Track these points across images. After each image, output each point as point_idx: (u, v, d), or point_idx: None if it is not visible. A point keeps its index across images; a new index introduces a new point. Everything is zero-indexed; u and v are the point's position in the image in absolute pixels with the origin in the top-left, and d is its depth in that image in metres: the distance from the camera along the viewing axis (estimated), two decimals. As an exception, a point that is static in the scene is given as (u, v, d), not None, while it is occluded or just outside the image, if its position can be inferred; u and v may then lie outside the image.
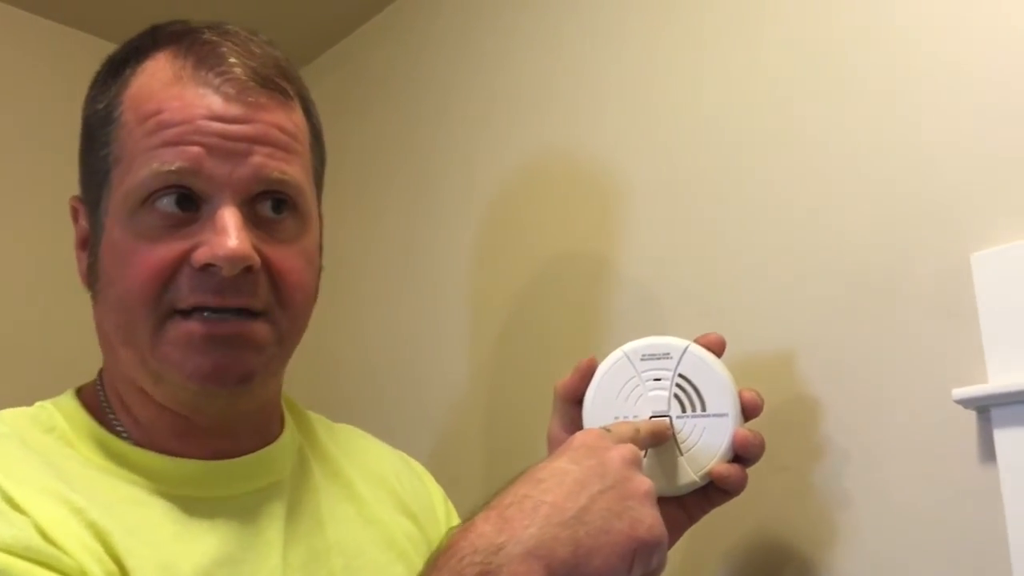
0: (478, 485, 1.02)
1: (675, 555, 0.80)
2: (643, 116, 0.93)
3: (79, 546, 0.52)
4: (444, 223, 1.15)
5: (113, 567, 0.53)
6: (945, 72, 0.71)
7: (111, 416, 0.63)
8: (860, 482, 0.71)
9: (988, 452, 0.65)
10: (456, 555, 0.49)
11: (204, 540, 0.59)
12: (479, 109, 1.13)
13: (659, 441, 0.64)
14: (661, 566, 0.54)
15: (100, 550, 0.53)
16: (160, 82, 0.61)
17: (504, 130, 1.09)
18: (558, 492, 0.52)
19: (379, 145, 1.28)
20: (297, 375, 1.31)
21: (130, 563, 0.54)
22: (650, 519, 0.53)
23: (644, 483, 0.54)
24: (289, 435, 0.70)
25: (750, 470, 0.67)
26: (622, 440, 0.58)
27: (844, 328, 0.74)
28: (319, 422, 0.76)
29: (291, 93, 0.64)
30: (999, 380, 0.64)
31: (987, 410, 0.65)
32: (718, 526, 0.78)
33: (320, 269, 0.69)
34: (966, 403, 0.66)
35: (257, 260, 0.60)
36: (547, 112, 1.04)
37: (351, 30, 1.38)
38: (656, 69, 0.93)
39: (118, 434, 0.62)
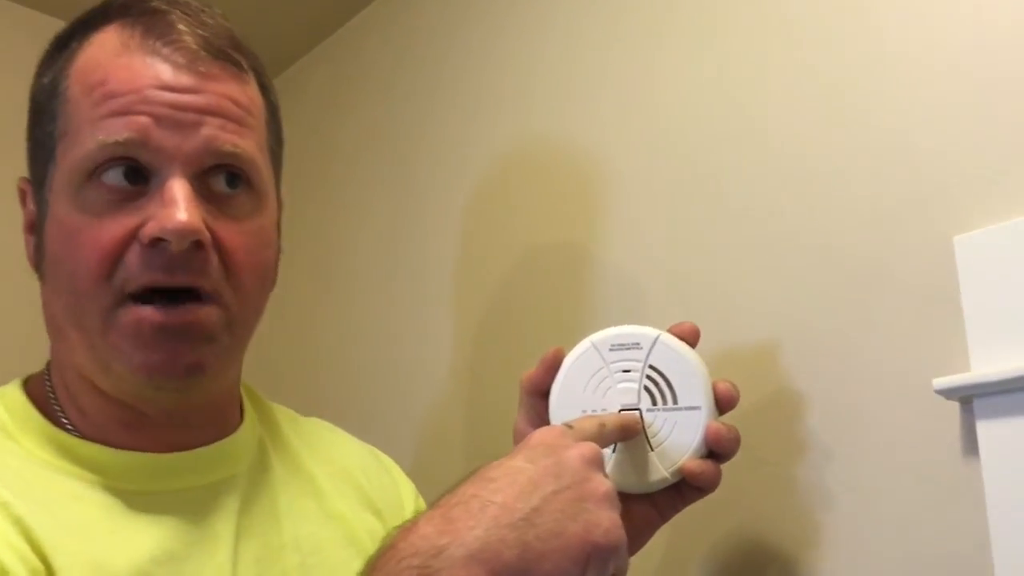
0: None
1: (653, 556, 0.79)
2: (625, 106, 0.91)
3: (2, 542, 0.50)
4: (428, 217, 1.13)
5: (38, 565, 0.51)
6: (925, 56, 0.69)
7: (56, 408, 0.61)
8: (842, 477, 0.69)
9: (971, 444, 0.63)
10: (395, 557, 0.46)
11: (144, 536, 0.57)
12: (463, 102, 1.11)
13: (627, 436, 0.61)
14: (621, 572, 0.51)
15: (25, 547, 0.51)
16: (107, 53, 0.59)
17: (487, 123, 1.07)
18: (509, 492, 0.48)
19: (368, 140, 1.27)
20: (281, 371, 1.31)
21: (57, 561, 0.52)
22: (607, 522, 0.49)
23: (603, 484, 0.51)
24: (249, 427, 0.68)
25: (729, 466, 0.65)
26: (584, 437, 0.55)
27: (826, 316, 0.72)
28: (283, 414, 0.74)
29: (245, 66, 0.62)
30: (982, 368, 0.62)
31: (970, 400, 0.63)
32: (697, 525, 0.76)
33: (278, 252, 0.67)
34: (948, 393, 0.63)
35: (207, 234, 0.57)
36: (529, 103, 1.02)
37: (341, 24, 1.36)
38: (639, 60, 0.91)
39: (63, 427, 0.60)
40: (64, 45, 0.62)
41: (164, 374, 0.58)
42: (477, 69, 1.10)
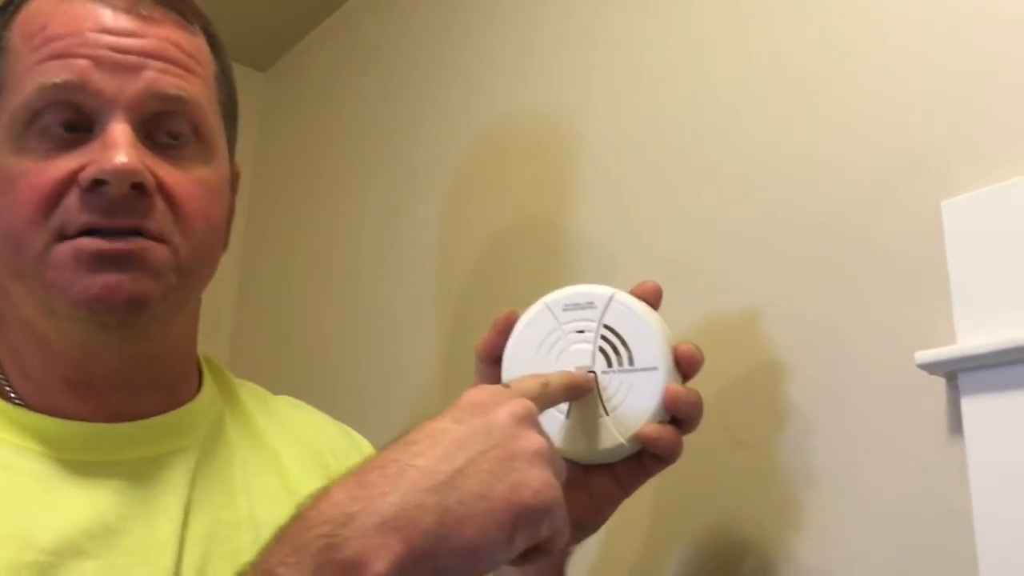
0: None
1: (630, 541, 0.75)
2: (614, 82, 0.88)
3: None
4: (427, 196, 1.11)
5: None
6: (914, 14, 0.65)
7: (0, 377, 0.59)
8: (824, 457, 0.65)
9: (956, 422, 0.58)
10: (303, 526, 0.43)
11: (79, 507, 0.54)
12: (461, 80, 1.09)
13: (575, 395, 0.57)
14: (556, 536, 0.47)
15: None
16: (49, 3, 0.58)
17: (484, 99, 1.05)
18: (431, 455, 0.45)
19: (368, 120, 1.25)
20: (279, 348, 1.29)
21: None
22: (537, 482, 0.45)
23: (534, 441, 0.46)
24: (206, 398, 0.65)
25: (707, 447, 0.61)
26: (523, 396, 0.51)
27: (807, 288, 0.68)
28: (248, 390, 0.71)
29: (193, 21, 0.61)
30: (968, 341, 0.57)
31: (955, 376, 0.58)
32: (676, 509, 0.73)
33: (231, 212, 0.64)
34: (931, 368, 0.59)
35: (149, 177, 0.55)
36: (525, 80, 1.00)
37: (338, 6, 1.35)
38: (627, 37, 0.88)
39: (6, 395, 0.58)
40: (7, 7, 0.61)
41: (105, 305, 0.55)
42: (474, 47, 1.08)
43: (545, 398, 0.53)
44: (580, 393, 0.57)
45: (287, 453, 0.66)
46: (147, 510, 0.56)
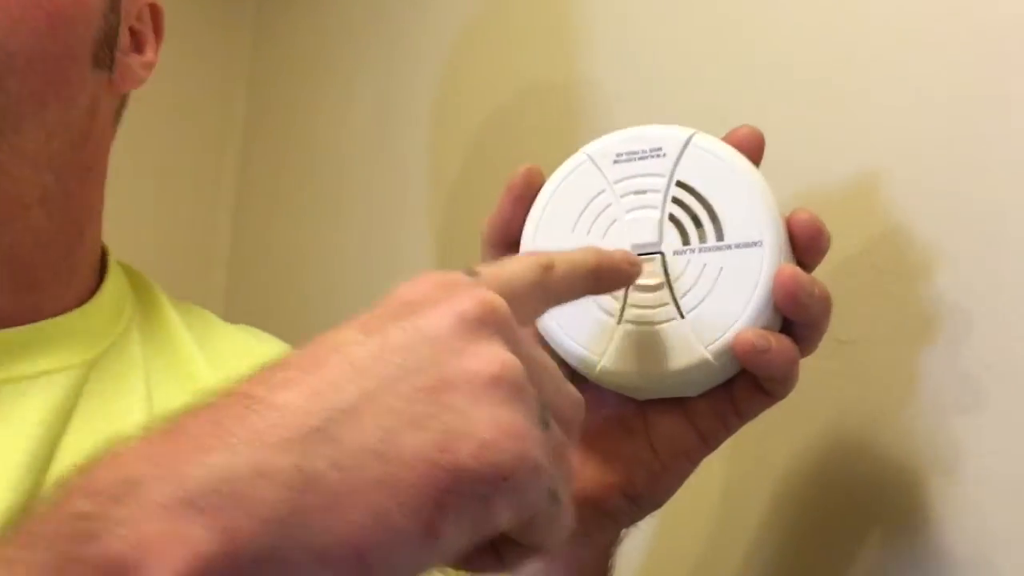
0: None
1: (701, 499, 0.56)
2: None
3: None
4: (407, 87, 0.95)
5: None
6: None
7: None
8: (986, 357, 0.46)
9: None
10: (60, 500, 0.25)
11: None
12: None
13: (606, 287, 0.36)
14: (547, 524, 0.28)
15: None
16: None
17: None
18: (304, 386, 0.26)
19: (350, 22, 1.07)
20: (280, 273, 1.15)
21: None
22: (487, 428, 0.26)
23: (490, 360, 0.27)
24: (105, 307, 0.50)
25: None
26: (502, 288, 0.30)
27: (951, 132, 0.48)
28: (183, 310, 0.55)
29: None
30: None
31: None
32: (762, 436, 0.52)
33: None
34: None
35: None
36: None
37: None
38: None
39: None
40: None
41: None
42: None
43: (545, 291, 0.32)
44: (613, 283, 0.36)
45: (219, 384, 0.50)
46: None
